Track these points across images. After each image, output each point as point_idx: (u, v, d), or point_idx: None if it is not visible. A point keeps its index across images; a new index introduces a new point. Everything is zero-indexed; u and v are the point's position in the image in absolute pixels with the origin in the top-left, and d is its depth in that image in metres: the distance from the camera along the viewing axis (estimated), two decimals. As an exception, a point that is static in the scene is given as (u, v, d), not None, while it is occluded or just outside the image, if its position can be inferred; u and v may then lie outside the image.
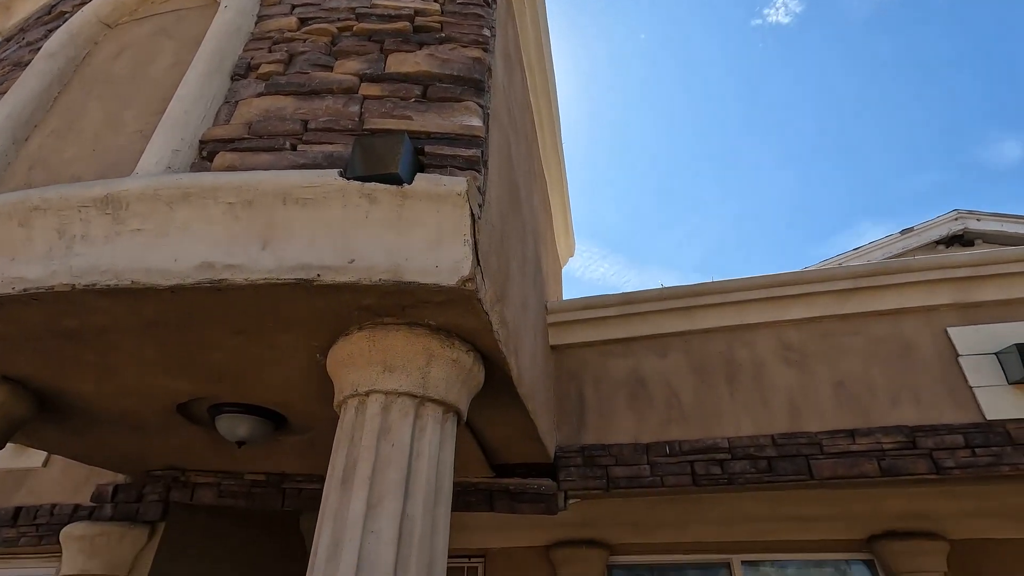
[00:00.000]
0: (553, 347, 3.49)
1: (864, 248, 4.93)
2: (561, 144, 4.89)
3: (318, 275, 1.58)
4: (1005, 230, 4.76)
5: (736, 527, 4.20)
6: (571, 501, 3.15)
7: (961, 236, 4.91)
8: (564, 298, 4.87)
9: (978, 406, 2.78)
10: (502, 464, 3.28)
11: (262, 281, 1.59)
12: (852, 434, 2.84)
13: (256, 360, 2.11)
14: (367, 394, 1.78)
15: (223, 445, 3.12)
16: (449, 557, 4.71)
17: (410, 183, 1.66)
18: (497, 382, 2.23)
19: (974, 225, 4.89)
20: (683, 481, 2.92)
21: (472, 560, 4.74)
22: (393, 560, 1.54)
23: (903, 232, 5.02)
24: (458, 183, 1.65)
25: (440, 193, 1.65)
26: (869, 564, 4.10)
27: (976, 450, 2.67)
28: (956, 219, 4.93)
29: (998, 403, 2.74)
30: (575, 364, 3.45)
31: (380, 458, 1.67)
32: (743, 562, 4.28)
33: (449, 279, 1.59)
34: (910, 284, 3.09)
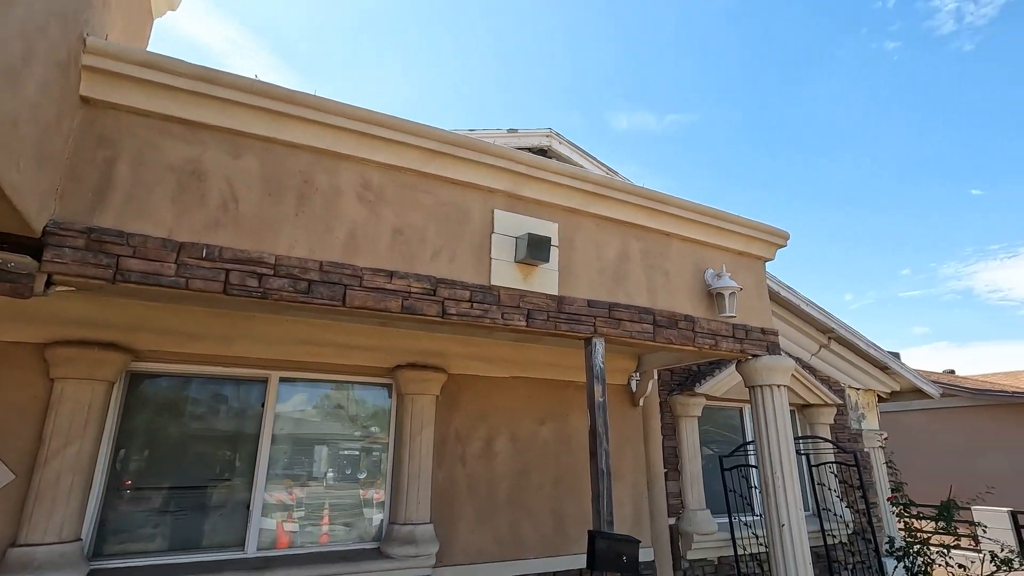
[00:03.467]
0: (86, 98, 2.63)
1: (477, 131, 5.47)
2: None
3: None
4: (571, 157, 6.05)
5: (281, 347, 4.33)
6: (59, 288, 2.56)
7: (545, 151, 5.99)
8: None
9: (490, 273, 3.44)
10: (-44, 227, 2.37)
11: None
12: (391, 275, 3.12)
13: None
14: None
15: None
16: None
17: None
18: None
19: (556, 146, 6.04)
20: (213, 287, 2.70)
21: (-87, 350, 3.53)
22: None
23: (509, 131, 5.79)
24: None
25: None
26: (388, 387, 4.89)
27: (474, 304, 3.33)
28: (547, 136, 5.98)
29: (502, 273, 3.45)
30: (116, 129, 2.69)
31: None
32: (281, 379, 4.50)
33: None
34: (483, 165, 3.50)
